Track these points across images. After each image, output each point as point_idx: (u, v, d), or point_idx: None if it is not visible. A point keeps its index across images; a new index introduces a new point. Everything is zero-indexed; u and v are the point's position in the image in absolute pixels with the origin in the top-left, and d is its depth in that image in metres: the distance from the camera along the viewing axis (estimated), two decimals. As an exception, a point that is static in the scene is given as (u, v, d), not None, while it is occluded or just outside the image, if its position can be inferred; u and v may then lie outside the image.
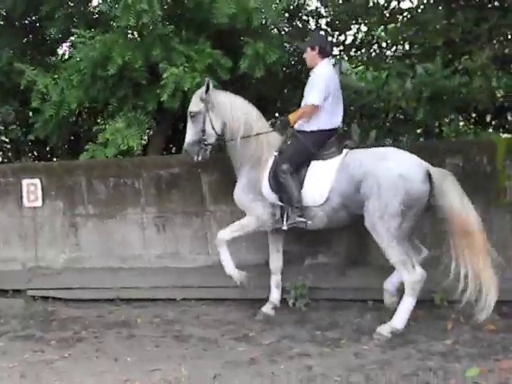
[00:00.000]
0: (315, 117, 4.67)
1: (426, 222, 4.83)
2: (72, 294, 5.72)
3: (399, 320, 4.41)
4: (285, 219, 4.72)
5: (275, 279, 5.14)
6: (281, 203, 4.75)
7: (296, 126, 4.78)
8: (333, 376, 3.83)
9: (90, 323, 5.23)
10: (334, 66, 5.68)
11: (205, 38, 5.64)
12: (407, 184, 4.31)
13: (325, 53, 4.74)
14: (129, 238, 5.84)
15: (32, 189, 5.95)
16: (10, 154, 7.87)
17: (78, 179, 5.92)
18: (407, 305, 4.40)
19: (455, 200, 4.32)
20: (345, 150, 4.71)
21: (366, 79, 5.62)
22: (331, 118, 4.74)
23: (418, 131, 6.30)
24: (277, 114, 5.25)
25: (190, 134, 4.86)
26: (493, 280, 4.20)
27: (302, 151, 4.70)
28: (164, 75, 5.31)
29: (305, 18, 7.59)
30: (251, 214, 4.89)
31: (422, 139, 6.50)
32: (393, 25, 8.75)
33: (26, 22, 6.95)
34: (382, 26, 8.75)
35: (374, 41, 8.81)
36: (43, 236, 6.05)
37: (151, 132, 6.75)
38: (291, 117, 4.74)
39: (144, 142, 6.17)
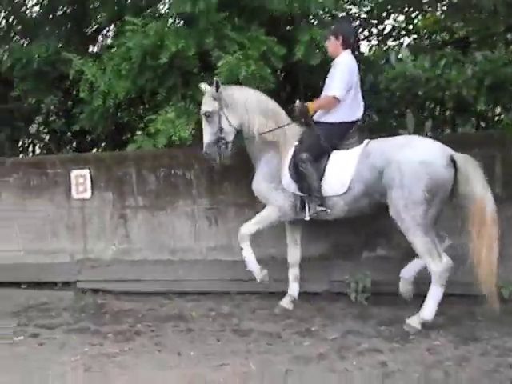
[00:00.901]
0: (337, 109, 4.62)
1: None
2: (123, 286, 5.65)
3: (428, 311, 4.37)
4: (306, 209, 4.65)
5: (293, 272, 5.07)
6: (301, 193, 4.67)
7: (317, 117, 4.70)
8: (410, 372, 3.70)
9: (143, 316, 5.14)
10: (390, 53, 5.57)
11: (257, 25, 5.49)
12: (429, 170, 4.27)
13: (348, 43, 4.66)
14: (179, 230, 5.73)
15: (81, 180, 5.87)
16: (50, 146, 7.77)
17: (127, 170, 5.83)
18: (435, 295, 4.36)
19: (478, 186, 4.28)
20: (366, 140, 4.65)
21: (422, 67, 5.39)
22: (353, 110, 4.71)
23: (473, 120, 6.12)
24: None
25: (208, 135, 4.80)
26: (492, 272, 4.18)
27: (323, 142, 4.62)
28: (219, 63, 5.16)
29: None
30: (272, 204, 4.81)
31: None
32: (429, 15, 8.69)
33: (68, 10, 6.85)
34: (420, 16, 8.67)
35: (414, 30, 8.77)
36: (92, 228, 5.97)
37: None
38: (311, 105, 4.69)
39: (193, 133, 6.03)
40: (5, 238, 6.16)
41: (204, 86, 4.90)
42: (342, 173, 4.57)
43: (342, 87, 4.56)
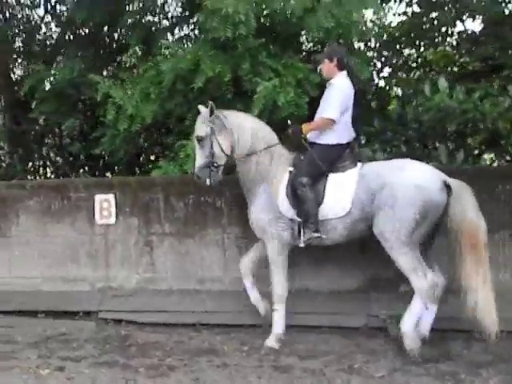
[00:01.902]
0: (332, 130, 4.62)
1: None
2: (147, 317, 5.41)
3: (408, 324, 4.40)
4: (302, 235, 4.58)
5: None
6: (299, 219, 4.60)
7: (313, 139, 4.71)
8: (472, 415, 3.55)
9: (172, 349, 4.91)
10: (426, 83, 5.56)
11: (292, 52, 5.43)
12: (424, 194, 4.31)
13: (342, 65, 4.66)
14: (208, 259, 5.53)
15: (105, 205, 5.67)
16: (64, 169, 7.59)
17: (154, 196, 5.64)
18: (415, 309, 4.40)
19: (470, 212, 4.34)
20: (359, 163, 4.68)
21: (457, 98, 5.37)
22: (348, 131, 4.73)
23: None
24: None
25: (200, 158, 4.79)
26: (489, 297, 4.25)
27: (320, 164, 4.59)
28: (258, 89, 5.07)
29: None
30: (270, 237, 4.73)
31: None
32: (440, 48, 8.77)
33: (93, 31, 6.75)
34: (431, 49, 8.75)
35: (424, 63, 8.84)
36: (115, 255, 5.73)
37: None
38: (305, 126, 4.69)
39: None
40: (22, 264, 5.90)
41: (202, 109, 4.82)
42: (341, 195, 4.54)
43: (338, 109, 4.57)
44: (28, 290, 5.87)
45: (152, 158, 7.55)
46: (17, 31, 7.75)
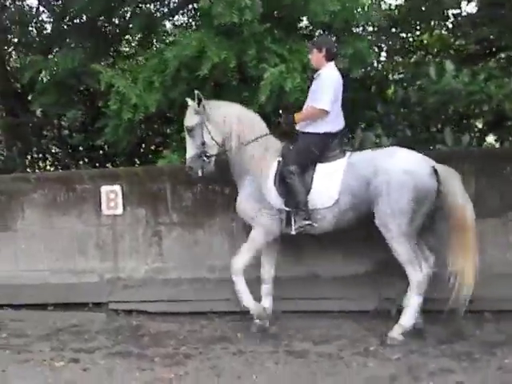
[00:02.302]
0: (323, 119, 4.62)
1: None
2: (158, 306, 5.39)
3: (407, 319, 4.48)
4: (292, 224, 4.60)
5: (266, 288, 4.99)
6: (287, 208, 4.62)
7: (302, 128, 4.71)
8: (494, 393, 3.59)
9: (185, 338, 4.91)
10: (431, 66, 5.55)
11: (297, 37, 5.39)
12: (415, 180, 4.35)
13: (331, 55, 4.67)
14: (217, 247, 5.53)
15: (112, 196, 5.63)
16: (65, 161, 7.52)
17: (162, 185, 5.62)
18: (413, 303, 4.46)
19: (458, 197, 4.40)
20: (348, 152, 4.71)
21: (463, 81, 5.37)
22: (338, 120, 4.74)
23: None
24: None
25: (191, 149, 4.80)
26: (470, 279, 4.33)
27: (309, 153, 4.62)
28: (265, 75, 5.03)
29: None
30: (258, 224, 4.75)
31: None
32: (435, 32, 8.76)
33: (90, 20, 6.63)
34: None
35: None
36: (123, 246, 5.72)
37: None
38: (297, 115, 4.70)
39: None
40: (29, 258, 5.87)
41: (190, 101, 4.83)
42: (329, 185, 4.57)
43: (329, 99, 4.57)
44: (36, 283, 5.84)
45: (153, 148, 7.49)
46: (10, 22, 7.66)
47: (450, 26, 8.58)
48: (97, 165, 7.50)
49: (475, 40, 7.80)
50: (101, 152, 7.69)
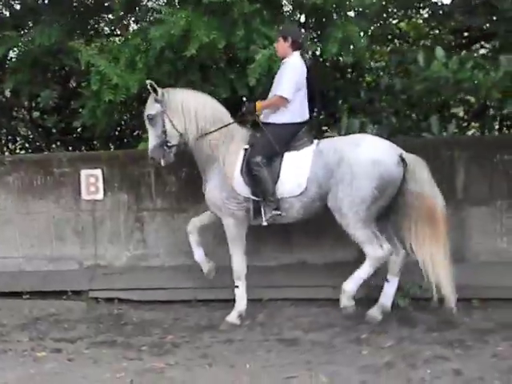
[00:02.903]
0: (287, 109, 4.59)
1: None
2: (141, 295, 5.23)
3: (352, 283, 4.49)
4: (263, 214, 4.57)
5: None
6: (254, 197, 4.58)
7: (265, 118, 4.67)
8: (492, 380, 3.56)
9: (170, 327, 4.79)
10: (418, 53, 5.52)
11: (285, 20, 5.27)
12: (381, 169, 4.34)
13: (297, 45, 4.62)
14: (202, 234, 5.37)
15: (92, 180, 5.41)
16: (37, 144, 7.21)
17: (144, 170, 5.43)
18: (364, 271, 4.48)
19: (426, 185, 4.40)
20: (315, 140, 4.67)
21: (451, 69, 5.34)
22: (303, 111, 4.69)
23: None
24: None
25: (152, 138, 4.70)
26: (447, 270, 4.32)
27: (275, 144, 4.56)
28: (257, 57, 4.89)
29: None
30: (225, 214, 4.69)
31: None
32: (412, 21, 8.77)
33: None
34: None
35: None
36: (103, 232, 5.52)
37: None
38: (258, 104, 4.64)
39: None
40: (2, 244, 5.61)
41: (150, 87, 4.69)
42: (297, 173, 4.54)
43: (291, 88, 4.52)
44: (10, 271, 5.60)
45: (129, 131, 7.25)
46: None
47: (426, 15, 8.65)
48: (70, 148, 7.21)
49: (450, 30, 7.82)
50: (74, 135, 7.40)
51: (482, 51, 7.67)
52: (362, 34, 5.63)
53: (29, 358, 4.20)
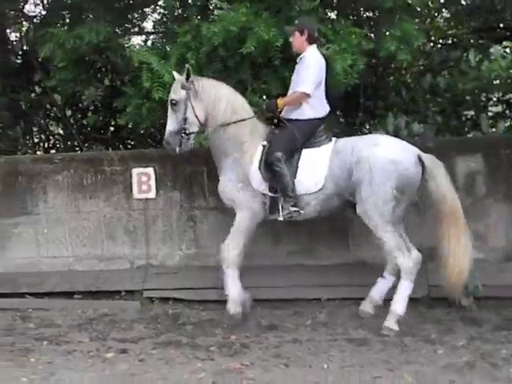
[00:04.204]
0: (308, 105, 4.58)
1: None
2: (197, 294, 5.17)
3: (399, 305, 4.42)
4: (280, 210, 4.55)
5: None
6: (272, 194, 4.57)
7: (289, 115, 4.64)
8: None
9: (230, 327, 4.72)
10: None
11: (344, 17, 5.24)
12: (399, 168, 4.35)
13: (313, 38, 4.61)
14: (256, 233, 5.32)
15: (144, 178, 5.34)
16: (73, 143, 7.12)
17: (197, 168, 5.37)
18: (405, 289, 4.43)
19: (446, 186, 4.43)
20: (333, 138, 4.67)
21: (504, 67, 5.34)
22: (322, 106, 4.68)
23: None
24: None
25: (171, 123, 4.68)
26: (466, 267, 4.34)
27: (295, 140, 4.56)
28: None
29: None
30: (241, 207, 4.66)
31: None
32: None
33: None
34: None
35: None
36: (155, 231, 5.44)
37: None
38: (280, 101, 4.63)
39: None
40: (52, 243, 5.53)
41: (176, 74, 4.74)
42: (315, 170, 4.52)
43: (311, 83, 4.51)
44: (59, 270, 5.52)
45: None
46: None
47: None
48: (107, 148, 7.14)
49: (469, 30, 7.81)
50: (109, 134, 7.33)
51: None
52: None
53: (97, 359, 4.13)
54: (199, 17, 5.51)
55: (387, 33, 5.20)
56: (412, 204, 4.67)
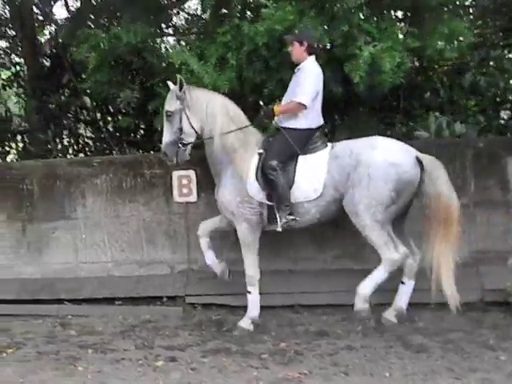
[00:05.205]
0: (304, 115, 4.55)
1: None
2: (241, 300, 5.00)
3: (367, 287, 4.41)
4: (278, 219, 4.48)
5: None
6: (269, 202, 4.50)
7: (283, 123, 4.60)
8: None
9: (279, 333, 4.62)
10: None
11: (388, 14, 5.11)
12: (398, 171, 4.33)
13: (312, 49, 4.59)
14: (300, 237, 5.18)
15: (185, 182, 5.22)
16: (106, 146, 7.03)
17: (239, 171, 5.23)
18: (378, 275, 4.41)
19: (444, 187, 4.39)
20: (329, 143, 4.64)
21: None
22: (318, 117, 4.66)
23: None
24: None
25: (168, 134, 4.68)
26: (451, 272, 4.32)
27: (290, 147, 4.50)
28: (364, 53, 4.72)
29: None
30: (239, 220, 4.61)
31: None
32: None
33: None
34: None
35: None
36: (196, 236, 5.30)
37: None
38: (276, 108, 4.61)
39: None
40: (90, 248, 5.43)
41: (171, 84, 4.67)
42: (312, 177, 4.47)
43: (309, 95, 4.49)
44: (97, 276, 5.42)
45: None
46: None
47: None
48: (134, 151, 7.05)
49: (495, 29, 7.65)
50: (138, 137, 7.24)
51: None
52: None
53: (147, 368, 4.02)
54: (239, 16, 5.39)
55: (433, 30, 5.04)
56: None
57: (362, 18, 5.06)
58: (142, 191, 5.38)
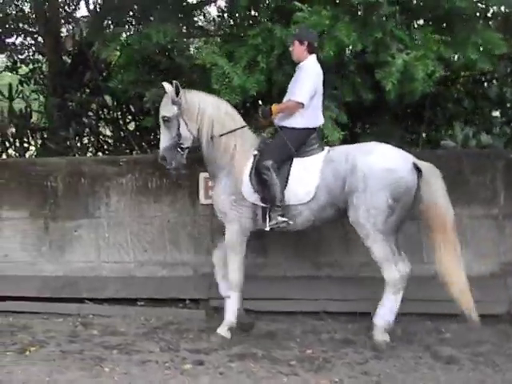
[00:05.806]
0: (301, 114, 4.51)
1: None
2: (265, 305, 5.00)
3: (381, 318, 4.33)
4: (267, 220, 4.43)
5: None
6: (262, 203, 4.46)
7: (280, 122, 4.59)
8: None
9: (304, 340, 4.57)
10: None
11: (423, 23, 5.08)
12: (395, 177, 4.30)
13: (313, 48, 4.56)
14: (326, 242, 5.16)
15: (211, 183, 5.18)
16: (117, 144, 7.01)
17: (266, 174, 5.20)
18: (388, 303, 4.33)
19: (440, 195, 4.36)
20: (326, 147, 4.60)
21: None
22: (316, 116, 4.63)
23: None
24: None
25: (165, 140, 4.64)
26: (462, 278, 4.25)
27: (286, 148, 4.48)
28: (398, 61, 4.70)
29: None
30: (231, 221, 4.57)
31: None
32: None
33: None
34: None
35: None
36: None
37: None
38: (274, 108, 4.57)
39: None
40: (113, 248, 5.39)
41: (167, 86, 4.58)
42: (306, 180, 4.46)
43: (307, 93, 4.46)
44: (119, 276, 5.38)
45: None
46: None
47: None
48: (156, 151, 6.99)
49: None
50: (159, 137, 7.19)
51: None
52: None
53: (175, 371, 3.98)
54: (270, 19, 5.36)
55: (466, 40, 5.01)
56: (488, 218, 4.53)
57: (395, 25, 5.05)
58: (168, 192, 5.35)
